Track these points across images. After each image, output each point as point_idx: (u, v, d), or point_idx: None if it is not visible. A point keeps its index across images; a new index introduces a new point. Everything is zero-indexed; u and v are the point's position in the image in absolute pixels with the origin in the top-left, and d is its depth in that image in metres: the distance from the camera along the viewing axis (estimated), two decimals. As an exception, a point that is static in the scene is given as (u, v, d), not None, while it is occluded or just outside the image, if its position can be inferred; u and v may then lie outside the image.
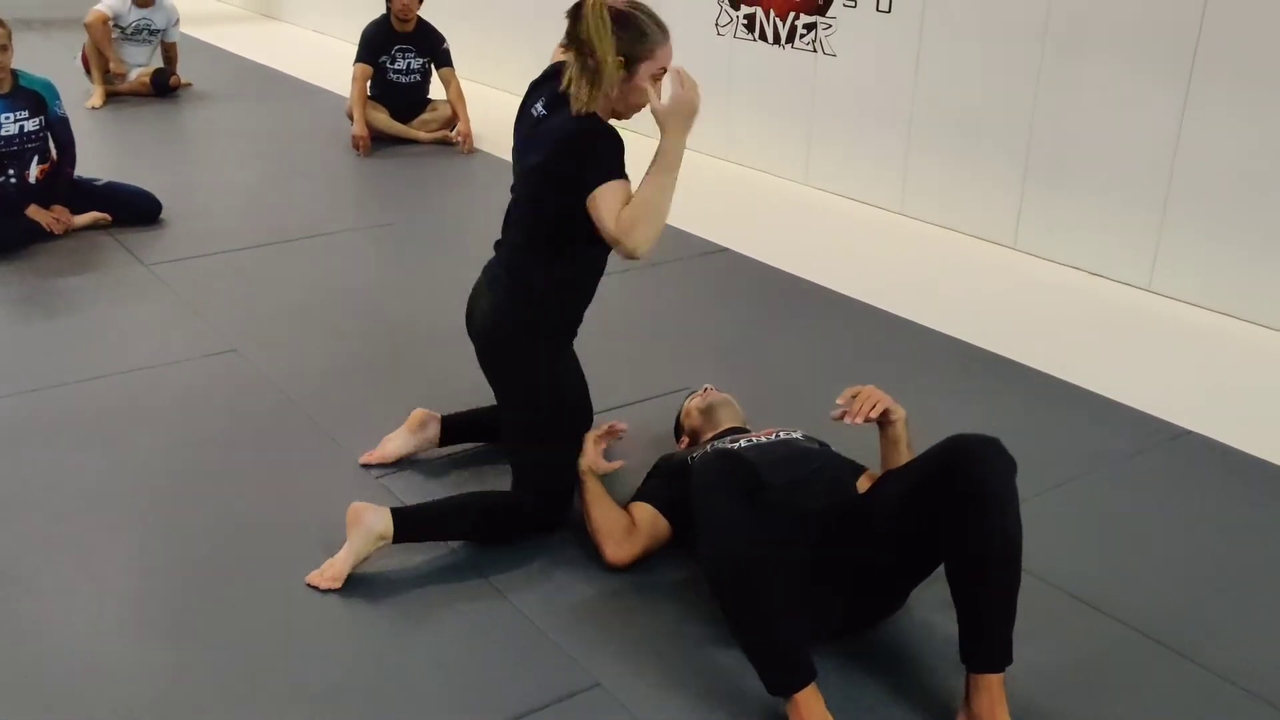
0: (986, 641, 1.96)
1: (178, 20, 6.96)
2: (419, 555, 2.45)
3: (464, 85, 5.95)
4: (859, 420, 2.25)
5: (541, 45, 6.76)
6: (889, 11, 4.81)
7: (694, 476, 2.04)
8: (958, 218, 4.76)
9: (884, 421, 2.33)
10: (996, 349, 3.59)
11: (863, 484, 2.43)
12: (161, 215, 4.62)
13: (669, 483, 2.45)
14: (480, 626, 2.25)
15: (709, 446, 2.44)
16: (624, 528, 2.39)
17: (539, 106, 2.45)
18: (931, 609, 2.26)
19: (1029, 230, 4.49)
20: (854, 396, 2.28)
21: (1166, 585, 2.44)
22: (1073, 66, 4.22)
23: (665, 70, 2.35)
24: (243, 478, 2.78)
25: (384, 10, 5.82)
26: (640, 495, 2.48)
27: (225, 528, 2.56)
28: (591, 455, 2.50)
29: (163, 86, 6.80)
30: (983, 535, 1.94)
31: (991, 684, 1.94)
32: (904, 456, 2.34)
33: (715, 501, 1.98)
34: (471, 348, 2.56)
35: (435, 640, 2.21)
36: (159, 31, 6.87)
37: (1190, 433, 3.09)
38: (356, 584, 2.37)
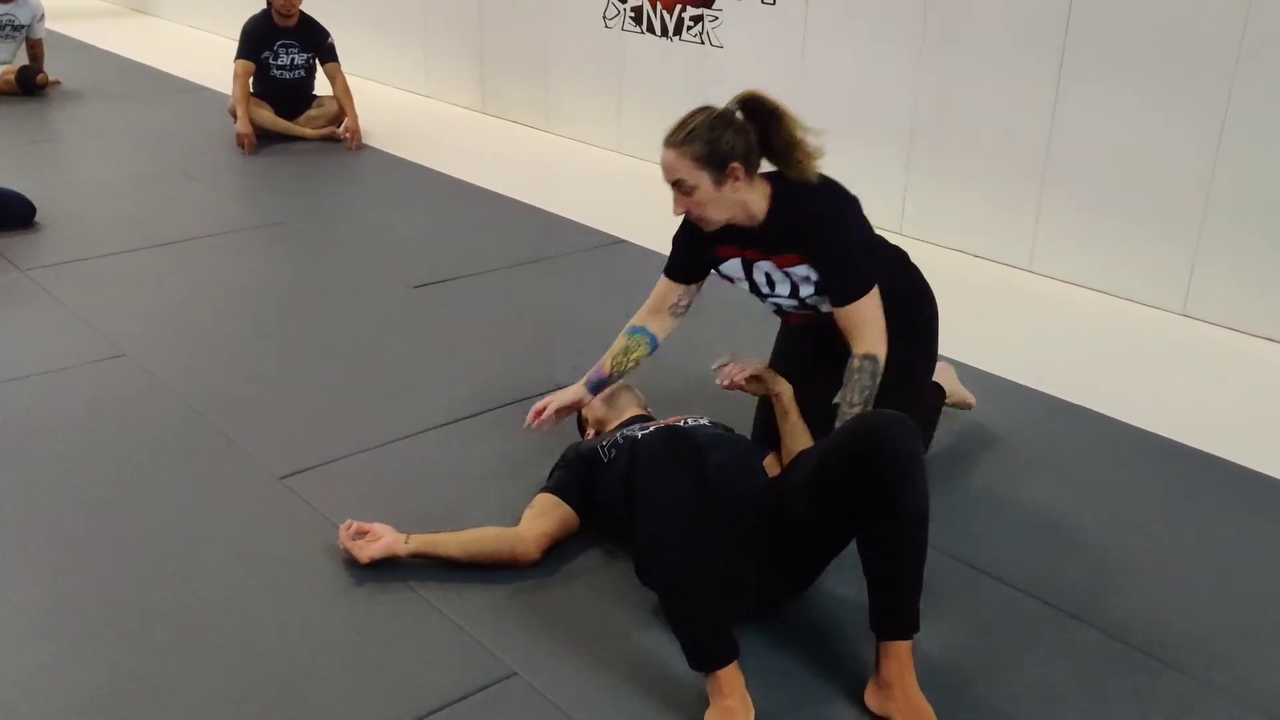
0: (896, 610, 2.02)
1: (43, 15, 6.71)
2: (325, 552, 2.44)
3: (350, 81, 5.86)
4: (732, 378, 2.44)
5: (430, 40, 6.73)
6: (773, 4, 4.90)
7: (640, 449, 2.06)
8: (846, 205, 4.87)
9: (771, 395, 2.42)
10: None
11: (769, 466, 2.49)
12: (36, 218, 4.46)
13: (578, 471, 2.47)
14: (392, 622, 2.25)
15: (619, 435, 2.47)
16: (508, 536, 2.38)
17: None
18: (837, 582, 2.33)
19: (914, 215, 4.63)
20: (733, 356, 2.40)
21: (1053, 549, 2.55)
22: (952, 51, 4.36)
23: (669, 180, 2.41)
24: (143, 484, 2.71)
25: (264, 5, 5.71)
26: (548, 486, 2.50)
27: (129, 535, 2.50)
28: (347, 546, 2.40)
29: (29, 85, 6.56)
30: (898, 505, 2.00)
31: (900, 651, 2.01)
32: (798, 429, 2.43)
33: (659, 476, 2.00)
34: (359, 344, 2.54)
35: (346, 637, 2.20)
36: (23, 27, 6.62)
37: (1071, 405, 3.23)
38: (263, 583, 2.34)
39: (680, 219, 2.53)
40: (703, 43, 5.23)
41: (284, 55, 5.73)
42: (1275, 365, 3.58)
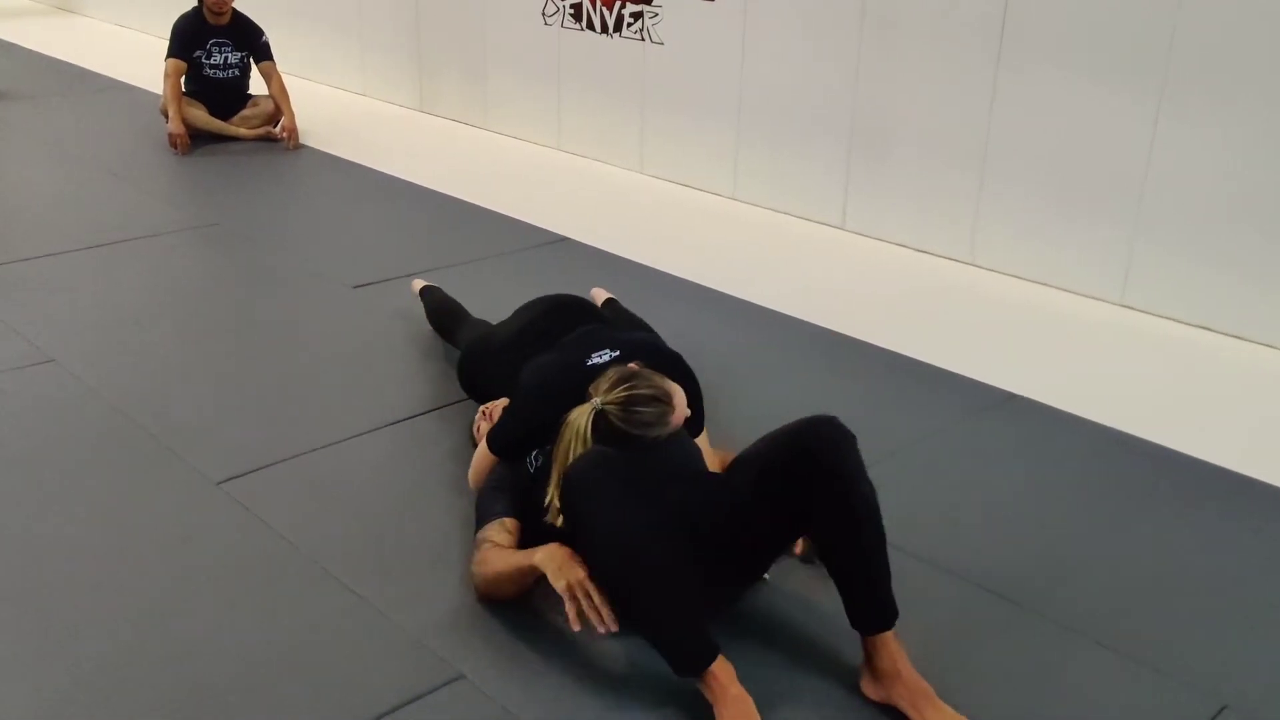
0: (873, 602, 2.05)
1: (-34, 14, 6.54)
2: (266, 557, 2.38)
3: (286, 80, 5.77)
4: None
5: (366, 38, 6.64)
6: (713, 1, 4.89)
7: (568, 488, 2.03)
8: (788, 201, 4.89)
9: None
10: (830, 325, 3.71)
11: (711, 461, 2.47)
12: (-40, 222, 4.35)
13: (515, 494, 2.37)
14: (336, 627, 2.20)
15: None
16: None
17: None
18: (799, 583, 2.33)
19: (856, 210, 4.65)
20: None
21: (1006, 541, 2.57)
22: (891, 48, 4.38)
23: None
24: (74, 492, 2.63)
25: (195, 2, 5.60)
26: (505, 512, 2.40)
27: (59, 547, 2.43)
28: None
29: (-48, 85, 6.38)
30: (847, 505, 2.04)
31: (889, 640, 2.03)
32: None
33: (596, 508, 1.98)
34: (298, 346, 2.46)
35: (290, 644, 2.15)
36: (-55, 27, 6.43)
37: (1016, 396, 3.26)
38: (203, 591, 2.28)
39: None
40: (643, 40, 5.22)
41: (217, 54, 5.62)
42: (1211, 353, 3.65)
